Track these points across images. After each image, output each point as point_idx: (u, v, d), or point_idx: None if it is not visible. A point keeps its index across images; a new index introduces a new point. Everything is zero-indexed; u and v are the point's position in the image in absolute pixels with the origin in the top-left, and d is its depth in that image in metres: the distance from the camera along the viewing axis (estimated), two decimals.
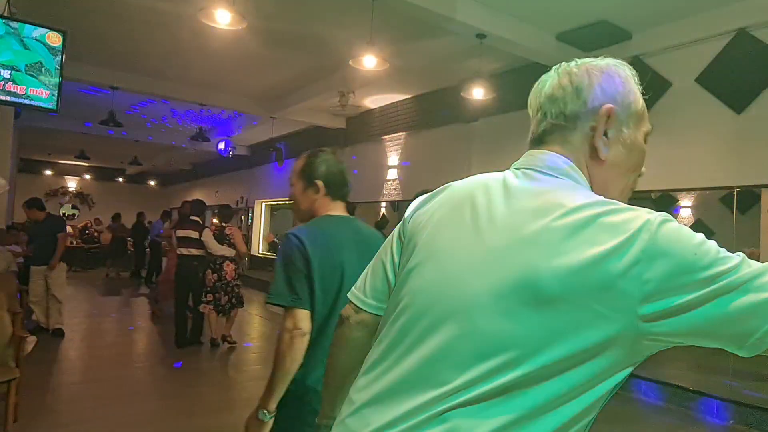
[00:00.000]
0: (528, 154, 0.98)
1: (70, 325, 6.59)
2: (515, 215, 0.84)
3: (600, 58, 1.01)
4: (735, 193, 4.71)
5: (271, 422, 1.61)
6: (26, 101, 3.87)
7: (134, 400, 4.38)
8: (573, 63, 1.00)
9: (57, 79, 3.98)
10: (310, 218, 1.83)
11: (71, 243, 12.59)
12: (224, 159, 13.55)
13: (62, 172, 20.36)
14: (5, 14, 4.06)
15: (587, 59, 1.01)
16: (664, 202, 5.76)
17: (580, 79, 0.97)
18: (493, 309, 0.78)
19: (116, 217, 14.08)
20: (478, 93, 5.54)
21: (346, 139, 10.20)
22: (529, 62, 6.09)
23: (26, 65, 3.84)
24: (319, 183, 1.81)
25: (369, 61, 4.84)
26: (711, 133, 4.85)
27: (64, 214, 17.75)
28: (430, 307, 0.85)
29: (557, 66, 1.03)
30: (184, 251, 6.01)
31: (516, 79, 6.55)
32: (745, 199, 4.70)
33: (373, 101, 8.95)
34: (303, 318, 1.62)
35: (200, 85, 8.48)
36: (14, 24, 3.83)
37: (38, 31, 3.91)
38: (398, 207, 9.00)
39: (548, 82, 1.02)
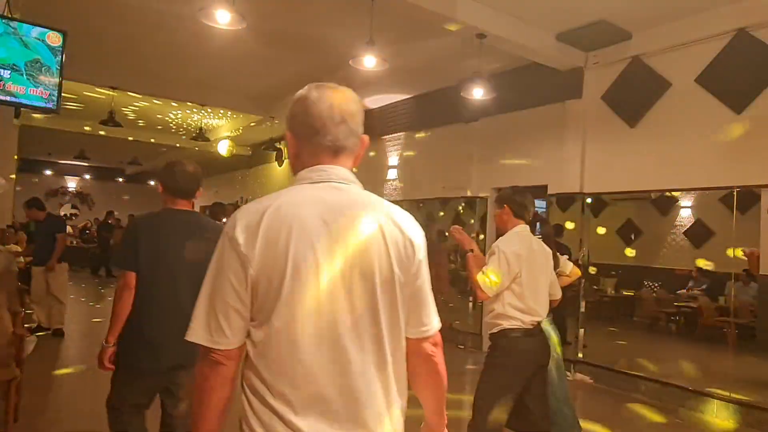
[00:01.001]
0: (344, 172, 1.22)
1: (70, 324, 6.58)
2: (350, 225, 1.13)
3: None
4: (735, 193, 4.70)
5: (111, 349, 2.35)
6: (26, 101, 3.87)
7: None
8: (344, 88, 1.23)
9: (57, 79, 3.97)
10: None
11: (71, 243, 12.57)
12: (224, 159, 13.53)
13: (62, 172, 20.34)
14: (5, 14, 4.06)
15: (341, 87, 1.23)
16: (664, 202, 5.76)
17: (361, 106, 1.24)
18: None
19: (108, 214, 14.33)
20: (478, 93, 5.53)
21: None
22: (529, 62, 6.09)
23: (26, 63, 3.83)
24: (158, 183, 2.56)
25: (369, 61, 4.82)
26: (711, 133, 4.84)
27: (65, 215, 17.72)
28: (338, 314, 1.10)
29: (331, 85, 1.23)
30: None
31: (516, 79, 6.55)
32: (745, 199, 4.69)
33: (373, 101, 8.93)
34: (128, 278, 2.29)
35: (200, 85, 8.47)
36: (14, 24, 3.82)
37: (38, 31, 3.90)
38: None
39: (346, 99, 1.21)
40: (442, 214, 7.93)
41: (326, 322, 1.10)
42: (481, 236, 7.09)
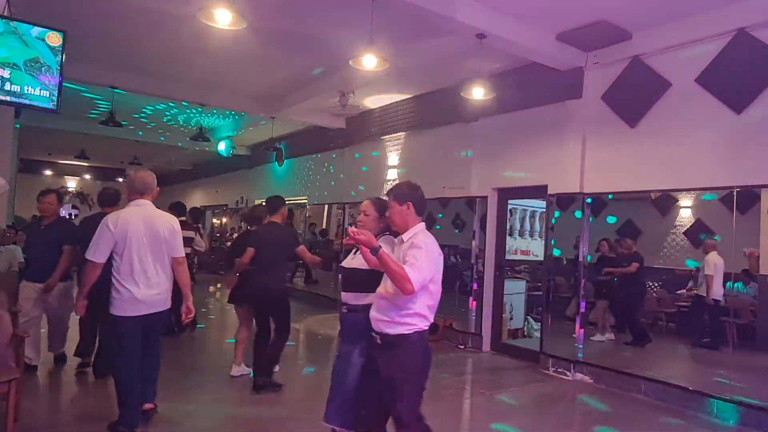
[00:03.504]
0: (145, 201, 3.62)
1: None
2: (159, 223, 3.60)
3: None
4: (735, 193, 4.70)
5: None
6: (26, 101, 3.87)
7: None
8: (147, 170, 3.84)
9: (57, 79, 3.97)
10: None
11: None
12: (224, 159, 13.54)
13: (62, 172, 20.35)
14: (5, 14, 4.06)
15: None
16: (664, 202, 5.76)
17: (154, 178, 3.77)
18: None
19: None
20: (478, 93, 5.53)
21: (346, 139, 10.20)
22: (529, 62, 6.09)
23: (26, 62, 3.83)
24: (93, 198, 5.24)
25: (369, 61, 4.82)
26: (711, 133, 4.84)
27: (68, 215, 17.70)
28: (143, 251, 3.48)
29: (143, 168, 4.52)
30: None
31: (516, 79, 6.55)
32: (745, 199, 4.69)
33: (373, 101, 8.94)
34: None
35: (200, 85, 8.47)
36: (14, 23, 3.83)
37: (38, 31, 3.90)
38: None
39: (147, 174, 3.68)
40: (441, 216, 7.92)
41: (139, 254, 3.44)
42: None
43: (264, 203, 5.07)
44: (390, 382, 2.60)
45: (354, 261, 3.02)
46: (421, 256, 2.50)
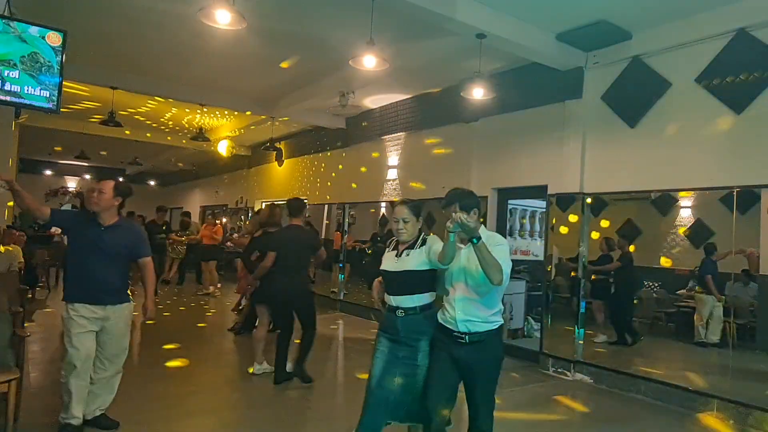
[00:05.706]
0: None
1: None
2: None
3: None
4: (735, 193, 4.70)
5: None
6: (26, 101, 3.87)
7: (134, 400, 4.37)
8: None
9: (57, 79, 3.97)
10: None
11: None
12: (224, 159, 13.54)
13: (62, 172, 20.35)
14: (5, 14, 4.06)
15: None
16: (664, 202, 5.75)
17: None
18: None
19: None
20: (478, 93, 5.53)
21: (346, 139, 10.19)
22: (529, 62, 6.09)
23: (26, 63, 3.83)
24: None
25: (369, 61, 4.82)
26: (711, 133, 4.84)
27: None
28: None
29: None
30: None
31: (516, 79, 6.55)
32: (745, 199, 4.69)
33: (373, 101, 8.94)
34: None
35: (200, 85, 8.47)
36: (14, 24, 3.83)
37: (38, 31, 3.90)
38: None
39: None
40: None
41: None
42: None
43: (286, 204, 5.14)
44: (482, 372, 2.77)
45: (405, 263, 2.85)
46: (504, 252, 2.66)
